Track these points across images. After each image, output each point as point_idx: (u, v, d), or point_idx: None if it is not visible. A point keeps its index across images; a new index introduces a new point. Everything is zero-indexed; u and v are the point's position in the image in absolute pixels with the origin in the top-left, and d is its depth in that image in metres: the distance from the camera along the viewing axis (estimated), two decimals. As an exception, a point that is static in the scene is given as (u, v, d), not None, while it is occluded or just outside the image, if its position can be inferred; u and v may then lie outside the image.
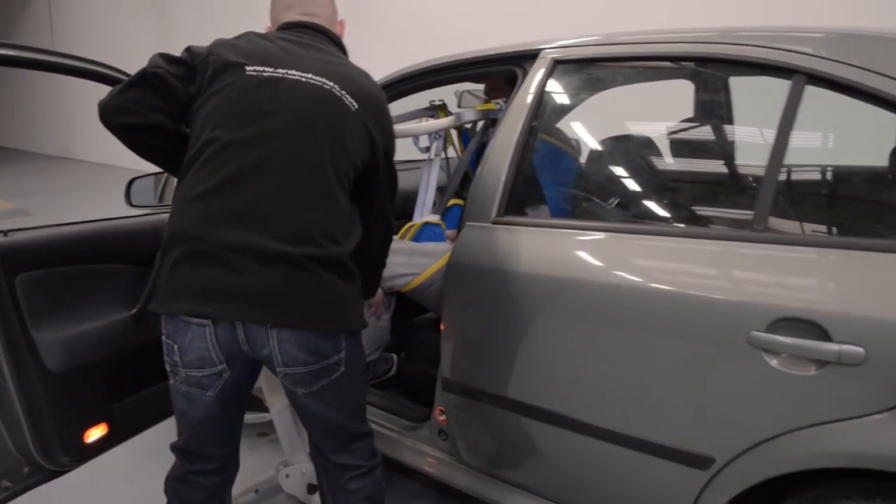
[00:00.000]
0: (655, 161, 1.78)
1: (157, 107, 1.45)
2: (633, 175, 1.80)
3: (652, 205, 1.71)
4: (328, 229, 1.41)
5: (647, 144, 1.83)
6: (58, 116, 13.09)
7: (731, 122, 1.77)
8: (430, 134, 2.31)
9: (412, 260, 2.13)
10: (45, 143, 13.94)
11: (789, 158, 1.36)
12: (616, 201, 1.71)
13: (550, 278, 1.55)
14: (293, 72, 1.47)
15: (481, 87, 2.67)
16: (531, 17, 5.55)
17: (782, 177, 1.38)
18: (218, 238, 1.35)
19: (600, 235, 1.56)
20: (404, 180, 3.07)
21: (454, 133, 2.56)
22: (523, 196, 1.74)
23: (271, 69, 1.46)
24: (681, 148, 1.83)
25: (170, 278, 1.39)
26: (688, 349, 1.36)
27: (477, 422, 1.78)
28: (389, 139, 1.62)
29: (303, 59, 1.51)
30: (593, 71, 1.79)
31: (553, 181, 1.85)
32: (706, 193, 1.66)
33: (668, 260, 1.44)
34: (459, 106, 2.64)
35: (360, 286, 1.52)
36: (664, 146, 1.77)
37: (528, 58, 1.84)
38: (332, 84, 1.48)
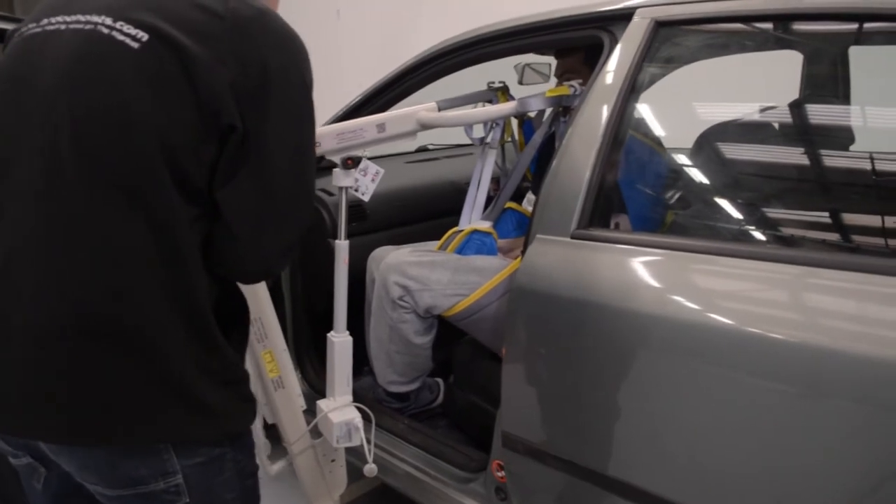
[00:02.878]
0: (812, 161, 1.36)
1: None
2: (783, 180, 1.38)
3: (820, 221, 1.29)
4: (96, 284, 0.87)
5: (795, 136, 1.40)
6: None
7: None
8: (485, 122, 1.91)
9: (457, 278, 1.74)
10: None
11: None
12: (752, 216, 1.29)
13: (656, 317, 1.14)
14: (59, 18, 0.93)
15: (546, 59, 2.25)
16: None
17: None
18: None
19: (734, 263, 1.14)
20: (450, 169, 2.73)
21: (514, 122, 2.15)
22: (614, 203, 1.33)
23: (35, 23, 0.95)
24: (844, 142, 1.39)
25: None
26: (871, 433, 0.95)
27: (548, 491, 1.39)
28: (250, 75, 0.90)
29: None
30: (715, 36, 1.36)
31: (646, 186, 1.44)
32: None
33: (841, 301, 1.03)
34: (521, 83, 2.22)
35: (206, 364, 0.94)
36: (821, 139, 1.34)
37: (618, 19, 1.42)
38: (101, 19, 0.89)
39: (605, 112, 1.31)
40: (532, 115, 2.04)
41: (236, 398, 1.02)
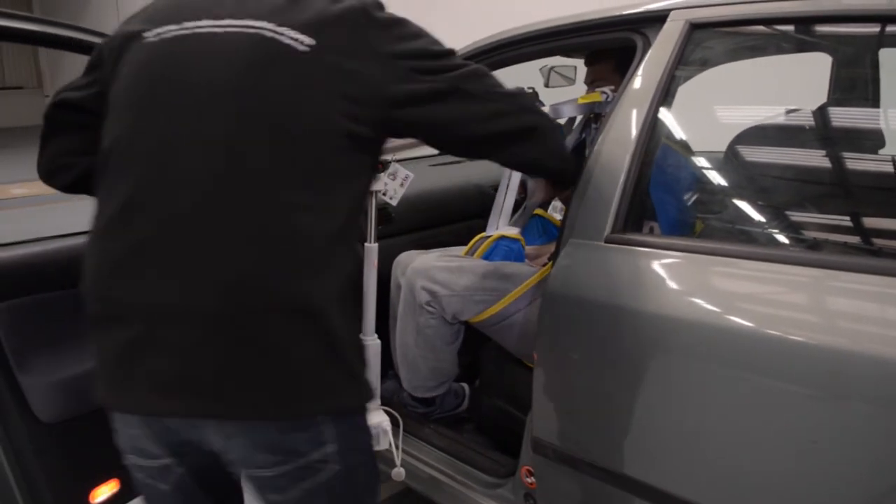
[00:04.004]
0: (841, 164, 1.34)
1: (83, 144, 1.11)
2: (818, 184, 1.35)
3: (853, 225, 1.26)
4: (277, 260, 0.94)
5: (824, 140, 1.38)
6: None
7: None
8: None
9: (486, 284, 1.72)
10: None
11: None
12: (788, 221, 1.27)
13: (693, 323, 1.12)
14: (205, 22, 1.00)
15: (572, 62, 2.23)
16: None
17: None
18: (116, 295, 0.95)
19: (772, 268, 1.12)
20: (475, 172, 2.71)
21: None
22: (648, 207, 1.31)
23: (175, 26, 1.02)
24: (872, 145, 1.37)
25: (94, 349, 1.01)
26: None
27: (579, 497, 1.38)
28: (416, 57, 1.05)
29: (226, 1, 1.05)
30: (750, 39, 1.34)
31: (678, 193, 1.42)
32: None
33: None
34: (547, 85, 2.21)
35: (353, 337, 1.05)
36: (849, 142, 1.32)
37: (651, 21, 1.40)
38: (261, 24, 0.99)
39: (640, 115, 1.30)
40: (562, 121, 2.01)
41: (365, 367, 1.08)
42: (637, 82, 1.34)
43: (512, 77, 1.94)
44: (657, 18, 1.39)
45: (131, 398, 0.96)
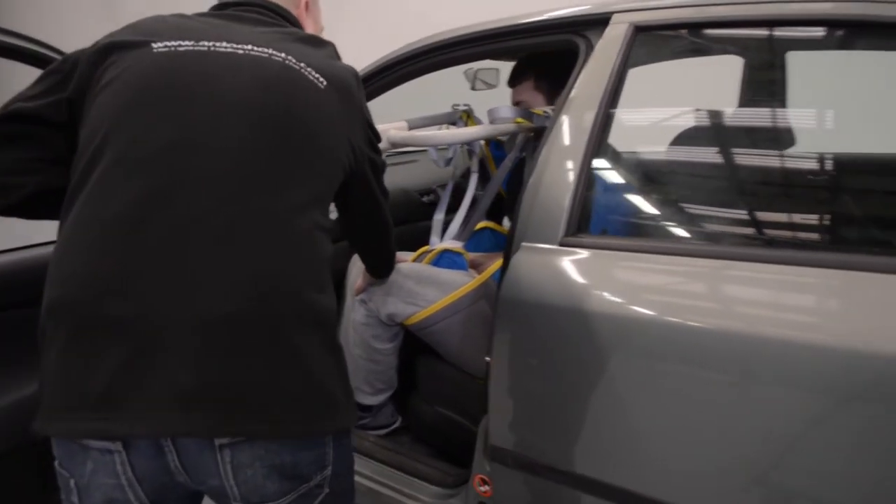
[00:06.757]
0: (804, 166, 1.38)
1: (32, 161, 1.03)
2: (788, 182, 1.39)
3: (802, 223, 1.31)
4: (302, 272, 0.97)
5: (783, 140, 1.41)
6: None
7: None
8: (454, 147, 1.87)
9: (419, 289, 1.70)
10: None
11: None
12: (739, 219, 1.30)
13: (655, 325, 1.13)
14: (223, 44, 1.04)
15: (495, 64, 2.23)
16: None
17: None
18: (121, 305, 0.87)
19: (722, 265, 1.14)
20: (401, 176, 2.65)
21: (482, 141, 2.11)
22: (600, 210, 1.31)
23: (190, 42, 1.03)
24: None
25: (54, 374, 0.90)
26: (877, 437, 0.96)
27: (540, 502, 1.36)
28: (372, 131, 1.24)
29: (237, 31, 1.09)
30: (697, 41, 1.37)
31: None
32: None
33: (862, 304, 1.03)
34: (473, 88, 2.19)
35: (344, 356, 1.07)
36: (813, 142, 1.36)
37: (593, 24, 1.40)
38: (283, 55, 1.06)
39: (589, 118, 1.29)
40: (504, 139, 2.00)
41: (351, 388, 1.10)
42: (583, 84, 1.34)
43: (435, 80, 1.93)
44: (599, 21, 1.39)
45: (135, 420, 0.86)
